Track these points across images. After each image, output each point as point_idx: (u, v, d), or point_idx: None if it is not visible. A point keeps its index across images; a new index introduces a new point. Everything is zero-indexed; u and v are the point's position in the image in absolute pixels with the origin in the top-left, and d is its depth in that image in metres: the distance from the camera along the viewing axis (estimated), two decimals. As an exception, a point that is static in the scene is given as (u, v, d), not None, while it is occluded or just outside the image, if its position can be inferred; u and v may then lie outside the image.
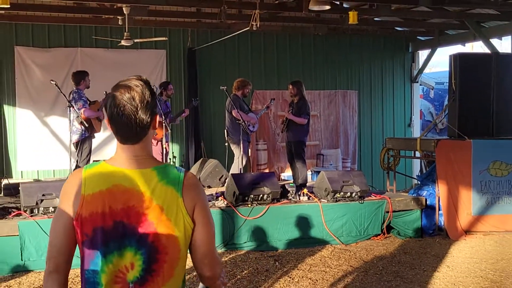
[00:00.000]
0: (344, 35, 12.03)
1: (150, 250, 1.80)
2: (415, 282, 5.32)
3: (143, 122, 1.83)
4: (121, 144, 1.87)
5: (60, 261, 1.84)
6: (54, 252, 1.84)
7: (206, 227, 1.89)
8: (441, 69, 16.24)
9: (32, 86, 9.95)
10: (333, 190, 6.83)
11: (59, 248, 1.83)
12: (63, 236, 1.83)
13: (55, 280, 1.83)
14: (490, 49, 10.20)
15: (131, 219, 1.80)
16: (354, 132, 12.19)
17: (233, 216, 6.47)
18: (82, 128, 7.69)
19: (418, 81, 12.89)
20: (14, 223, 5.71)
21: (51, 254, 1.84)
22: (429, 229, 7.31)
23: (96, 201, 1.81)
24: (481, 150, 7.37)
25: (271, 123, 11.47)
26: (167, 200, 1.83)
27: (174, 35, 10.83)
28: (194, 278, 5.09)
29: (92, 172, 1.86)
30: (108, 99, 1.86)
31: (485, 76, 7.76)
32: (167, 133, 8.80)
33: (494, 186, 7.42)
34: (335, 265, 5.88)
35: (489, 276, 5.52)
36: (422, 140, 7.82)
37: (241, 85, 8.37)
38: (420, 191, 7.68)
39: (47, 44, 10.11)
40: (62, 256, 1.84)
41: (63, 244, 1.83)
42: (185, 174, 1.90)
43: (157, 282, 1.81)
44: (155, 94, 1.89)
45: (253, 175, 7.17)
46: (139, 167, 1.86)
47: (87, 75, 7.99)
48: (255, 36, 11.24)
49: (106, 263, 1.79)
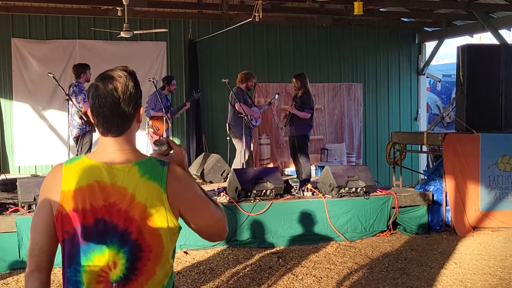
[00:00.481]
0: (349, 26, 11.86)
1: (134, 249, 1.75)
2: (422, 279, 5.22)
3: (125, 114, 1.79)
4: (103, 137, 1.83)
5: (41, 259, 1.79)
6: (36, 250, 1.79)
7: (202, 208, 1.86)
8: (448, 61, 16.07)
9: (30, 79, 9.82)
10: (338, 186, 6.72)
11: (40, 246, 1.79)
12: (44, 234, 1.80)
13: (36, 279, 1.79)
14: (499, 40, 10.04)
15: (113, 217, 1.75)
16: (359, 126, 12.05)
17: (235, 212, 6.37)
18: (82, 122, 7.57)
19: (424, 73, 12.75)
20: (12, 220, 5.65)
21: (32, 252, 1.80)
22: (436, 225, 7.20)
23: (76, 198, 1.75)
24: (489, 144, 7.25)
25: (274, 117, 11.33)
26: (150, 196, 1.77)
27: (174, 26, 10.69)
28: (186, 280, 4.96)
29: (72, 167, 1.80)
30: (90, 89, 1.80)
31: (493, 68, 7.67)
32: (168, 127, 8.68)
33: (503, 181, 7.30)
34: (340, 262, 5.77)
35: (498, 273, 5.42)
36: (429, 134, 7.70)
37: (245, 77, 8.22)
38: (427, 186, 7.56)
39: (45, 36, 9.98)
40: (43, 255, 1.79)
41: (44, 242, 1.79)
42: (169, 168, 1.82)
43: (140, 281, 1.77)
44: (139, 86, 1.83)
45: (256, 170, 7.06)
46: (121, 162, 1.80)
47: (88, 68, 7.88)
48: (258, 27, 11.08)
49: (87, 262, 1.75)
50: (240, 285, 5.06)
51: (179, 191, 1.81)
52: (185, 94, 10.68)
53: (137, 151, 1.84)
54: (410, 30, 12.55)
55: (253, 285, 5.04)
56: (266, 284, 5.09)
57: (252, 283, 5.09)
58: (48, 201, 1.79)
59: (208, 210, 1.87)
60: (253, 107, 8.40)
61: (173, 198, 1.80)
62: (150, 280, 1.78)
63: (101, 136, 1.83)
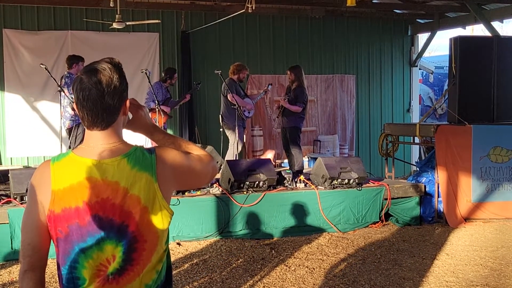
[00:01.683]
0: (341, 17, 11.83)
1: (130, 241, 1.75)
2: (414, 270, 5.24)
3: (110, 107, 1.77)
4: (89, 131, 1.80)
5: (34, 259, 1.79)
6: (28, 250, 1.79)
7: (192, 176, 1.91)
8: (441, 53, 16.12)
9: (21, 70, 9.74)
10: (331, 177, 6.72)
11: (33, 246, 1.78)
12: (35, 234, 1.78)
13: (30, 279, 1.78)
14: (491, 32, 10.04)
15: (107, 212, 1.74)
16: (351, 117, 12.05)
17: (228, 203, 6.36)
18: (74, 113, 7.54)
19: (417, 65, 12.74)
20: (4, 211, 5.64)
21: (25, 252, 1.79)
22: (428, 216, 7.23)
23: (68, 196, 1.74)
24: (481, 136, 7.28)
25: (267, 108, 11.31)
26: (142, 187, 1.77)
27: (167, 17, 10.62)
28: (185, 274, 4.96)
29: (60, 165, 1.78)
30: (75, 82, 1.77)
31: (486, 60, 7.67)
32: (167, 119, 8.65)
33: (495, 173, 7.33)
34: (332, 253, 5.79)
35: (489, 264, 5.45)
36: (421, 126, 7.71)
37: (238, 69, 8.20)
38: (419, 177, 7.58)
39: (36, 26, 9.88)
40: (36, 254, 1.78)
41: (37, 242, 1.78)
42: (156, 154, 1.82)
43: (136, 271, 1.77)
44: (125, 78, 1.80)
45: (249, 162, 7.04)
46: (110, 156, 1.78)
47: (81, 61, 7.86)
48: (251, 18, 11.03)
49: (86, 259, 1.74)
50: (233, 276, 5.06)
51: (170, 175, 1.82)
52: (178, 85, 10.63)
53: (124, 143, 1.83)
54: (402, 22, 12.53)
55: (246, 276, 5.05)
56: (259, 275, 5.09)
57: (245, 274, 5.10)
58: (38, 201, 1.77)
59: (198, 174, 1.93)
60: (245, 98, 8.39)
61: (165, 185, 1.80)
62: (145, 268, 1.78)
63: (87, 130, 1.81)
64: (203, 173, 1.95)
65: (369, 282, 4.88)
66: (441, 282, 4.92)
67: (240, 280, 4.96)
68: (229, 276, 5.06)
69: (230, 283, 4.87)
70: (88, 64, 1.81)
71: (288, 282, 4.93)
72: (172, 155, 1.86)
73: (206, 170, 1.95)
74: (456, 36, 7.80)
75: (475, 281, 4.95)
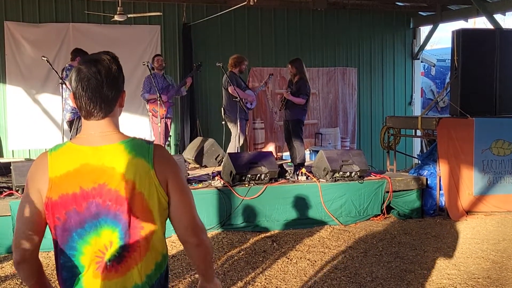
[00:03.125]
0: (343, 10, 11.78)
1: (126, 226, 1.76)
2: (415, 263, 5.25)
3: (108, 98, 1.79)
4: (86, 121, 1.83)
5: (26, 249, 1.80)
6: (21, 239, 1.80)
7: (183, 197, 1.86)
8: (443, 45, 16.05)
9: (23, 62, 9.71)
10: (332, 170, 6.71)
11: (26, 235, 1.79)
12: (30, 222, 1.79)
13: (27, 270, 1.83)
14: (494, 24, 9.98)
15: (104, 197, 1.75)
16: (353, 110, 12.04)
17: (229, 196, 6.36)
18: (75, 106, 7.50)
19: (419, 58, 12.70)
20: (6, 203, 5.64)
21: (17, 243, 1.80)
22: (429, 209, 7.23)
23: (65, 183, 1.75)
24: (483, 129, 7.26)
25: (268, 101, 11.29)
26: (138, 173, 1.78)
27: (168, 10, 10.58)
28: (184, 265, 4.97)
29: (57, 154, 1.79)
30: (73, 73, 1.79)
31: (488, 52, 7.64)
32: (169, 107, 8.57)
33: (496, 166, 7.33)
34: (334, 246, 5.80)
35: (491, 256, 5.45)
36: (423, 119, 7.70)
37: (238, 61, 8.18)
38: (420, 170, 7.57)
39: (38, 19, 9.84)
40: (29, 244, 1.80)
41: (30, 230, 1.79)
42: (154, 146, 1.85)
43: (134, 257, 1.78)
44: (122, 70, 1.83)
45: (251, 154, 7.03)
46: (106, 143, 1.79)
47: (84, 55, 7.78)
48: (252, 11, 10.99)
49: (84, 245, 1.75)
50: (235, 268, 5.07)
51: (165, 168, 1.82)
52: (179, 77, 10.61)
53: (120, 133, 1.84)
54: (404, 15, 12.47)
55: (248, 269, 5.06)
56: (260, 267, 5.10)
57: (247, 267, 5.11)
58: (36, 190, 1.78)
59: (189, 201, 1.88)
60: (247, 90, 8.37)
61: (161, 174, 1.81)
62: (144, 256, 1.79)
63: (84, 120, 1.83)
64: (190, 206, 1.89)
65: (370, 275, 4.89)
66: (443, 274, 4.93)
67: (242, 272, 4.97)
68: (230, 269, 5.07)
69: (232, 275, 4.88)
70: (85, 56, 1.84)
71: (289, 274, 4.94)
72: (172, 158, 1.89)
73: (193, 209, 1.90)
74: (459, 29, 7.76)
75: (476, 274, 4.95)
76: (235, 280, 4.78)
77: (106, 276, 1.76)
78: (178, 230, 1.90)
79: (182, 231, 1.89)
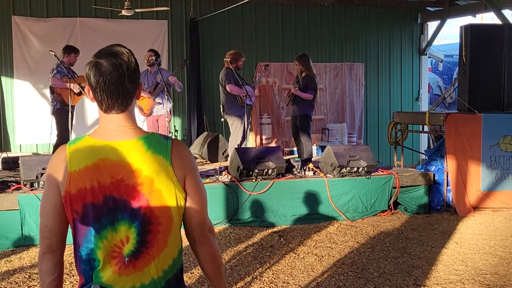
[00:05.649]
0: (351, 5, 11.75)
1: (143, 222, 1.76)
2: (422, 258, 5.24)
3: (129, 91, 1.80)
4: (105, 114, 1.82)
5: (53, 241, 1.81)
6: (46, 232, 1.81)
7: (197, 196, 1.86)
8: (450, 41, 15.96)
9: (30, 57, 9.75)
10: (340, 165, 6.71)
11: (50, 229, 1.80)
12: (53, 216, 1.80)
13: (50, 260, 1.82)
14: (502, 20, 9.94)
15: (121, 192, 1.76)
16: (360, 106, 12.01)
17: (237, 191, 6.37)
18: (52, 98, 7.59)
19: (426, 53, 12.65)
20: (14, 197, 5.67)
21: (43, 234, 1.81)
22: (437, 205, 7.22)
23: (83, 177, 1.75)
24: (491, 125, 7.24)
25: (275, 96, 11.28)
26: (156, 169, 1.78)
27: (176, 5, 10.58)
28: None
29: (76, 148, 1.80)
30: (91, 67, 1.77)
31: (496, 48, 7.59)
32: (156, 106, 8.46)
33: (504, 162, 7.30)
34: (341, 241, 5.80)
35: (498, 252, 5.44)
36: (431, 114, 7.67)
37: (235, 58, 8.02)
38: (428, 166, 7.55)
39: (45, 13, 9.87)
40: (54, 236, 1.80)
41: (55, 224, 1.80)
42: (173, 141, 1.84)
43: (151, 253, 1.78)
44: (137, 63, 1.82)
45: (258, 150, 7.03)
46: (124, 138, 1.80)
47: (74, 53, 7.76)
48: (259, 6, 10.98)
49: (101, 239, 1.75)
50: (242, 263, 5.08)
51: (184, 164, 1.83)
52: (186, 73, 10.63)
53: (139, 128, 1.85)
54: (412, 10, 12.43)
55: (255, 264, 5.07)
56: (268, 263, 5.11)
57: (254, 262, 5.12)
58: (55, 183, 1.79)
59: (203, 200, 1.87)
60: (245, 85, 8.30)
61: (179, 171, 1.81)
62: (161, 252, 1.80)
63: (103, 113, 1.82)
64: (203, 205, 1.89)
65: (378, 270, 4.89)
66: (450, 270, 4.93)
67: (249, 267, 4.99)
68: (238, 263, 5.08)
69: (239, 270, 4.90)
70: (102, 49, 1.80)
71: (297, 269, 4.94)
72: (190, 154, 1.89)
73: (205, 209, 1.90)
74: (467, 24, 7.72)
75: (484, 270, 4.94)
76: (242, 275, 4.80)
77: (124, 271, 1.76)
78: (189, 227, 1.89)
79: (192, 229, 1.88)
